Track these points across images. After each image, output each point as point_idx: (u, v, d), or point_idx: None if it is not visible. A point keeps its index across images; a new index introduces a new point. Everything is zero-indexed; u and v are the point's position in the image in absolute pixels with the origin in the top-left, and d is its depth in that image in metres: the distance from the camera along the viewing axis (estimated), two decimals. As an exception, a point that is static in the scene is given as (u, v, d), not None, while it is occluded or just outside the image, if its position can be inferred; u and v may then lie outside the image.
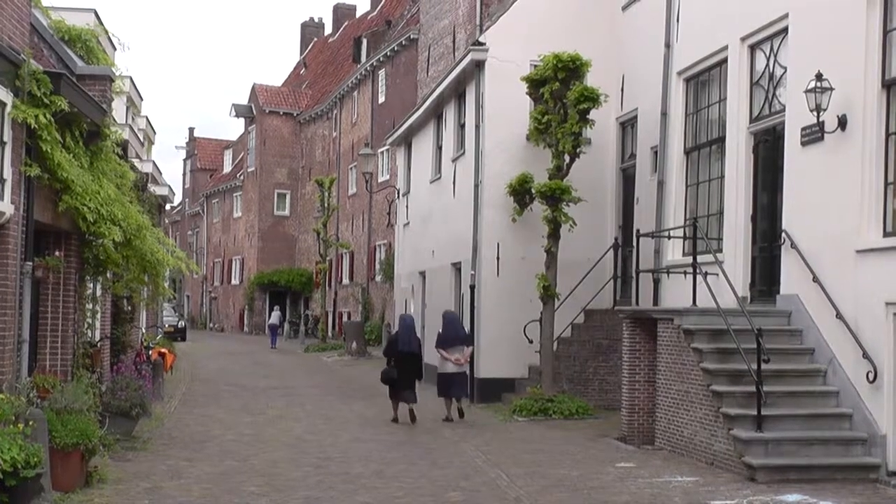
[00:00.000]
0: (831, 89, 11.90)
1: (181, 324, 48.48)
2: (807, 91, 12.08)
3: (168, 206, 43.38)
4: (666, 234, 16.29)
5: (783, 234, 13.05)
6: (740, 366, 11.87)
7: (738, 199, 14.46)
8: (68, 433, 9.58)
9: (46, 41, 13.81)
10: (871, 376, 11.17)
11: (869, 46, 11.53)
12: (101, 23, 17.92)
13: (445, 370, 16.70)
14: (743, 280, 14.20)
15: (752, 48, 14.44)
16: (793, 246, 12.76)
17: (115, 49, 18.45)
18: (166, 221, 58.77)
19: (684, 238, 15.98)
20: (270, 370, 28.46)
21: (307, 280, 52.87)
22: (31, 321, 11.46)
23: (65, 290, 12.77)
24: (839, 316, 11.71)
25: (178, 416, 16.80)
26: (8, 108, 9.91)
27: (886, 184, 11.37)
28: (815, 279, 12.20)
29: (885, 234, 11.31)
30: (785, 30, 13.45)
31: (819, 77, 11.94)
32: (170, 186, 33.22)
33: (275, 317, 45.54)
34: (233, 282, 62.41)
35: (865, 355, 11.26)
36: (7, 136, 9.95)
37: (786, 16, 13.35)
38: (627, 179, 19.17)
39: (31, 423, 8.71)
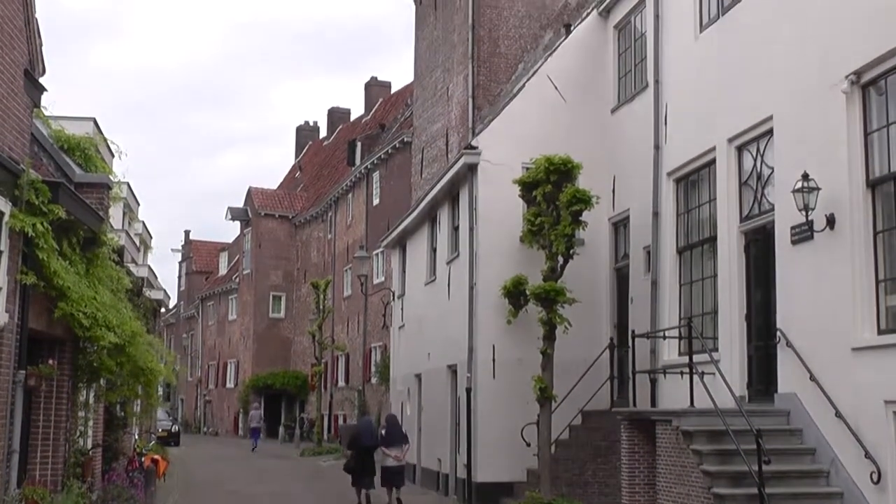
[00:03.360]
0: (818, 189, 12.08)
1: (175, 428, 47.83)
2: (794, 191, 12.26)
3: (163, 310, 43.34)
4: (661, 334, 16.29)
5: (778, 333, 13.06)
6: (741, 467, 11.73)
7: (732, 298, 14.51)
8: (58, 546, 9.41)
9: (46, 150, 14.03)
10: (874, 477, 11.05)
11: (852, 147, 11.75)
12: (100, 131, 18.27)
13: (386, 464, 19.88)
14: (740, 379, 14.14)
15: (740, 149, 14.68)
16: (788, 344, 12.76)
17: (112, 156, 18.72)
18: (161, 325, 58.56)
19: (680, 338, 15.98)
20: (265, 475, 28.04)
21: (303, 382, 52.47)
22: (22, 430, 11.34)
23: (57, 397, 12.68)
24: (839, 415, 11.64)
25: (171, 525, 16.49)
26: (6, 218, 10.01)
27: (877, 281, 11.44)
28: (813, 377, 12.17)
29: (880, 332, 11.31)
30: (770, 131, 13.70)
31: (805, 177, 12.13)
32: (165, 290, 33.28)
33: (255, 416, 44.07)
34: (227, 385, 61.91)
35: (868, 455, 11.15)
36: (4, 245, 10.03)
37: (770, 118, 13.62)
38: (621, 279, 19.25)
39: (20, 536, 8.57)
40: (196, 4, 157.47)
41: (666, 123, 16.94)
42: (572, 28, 21.64)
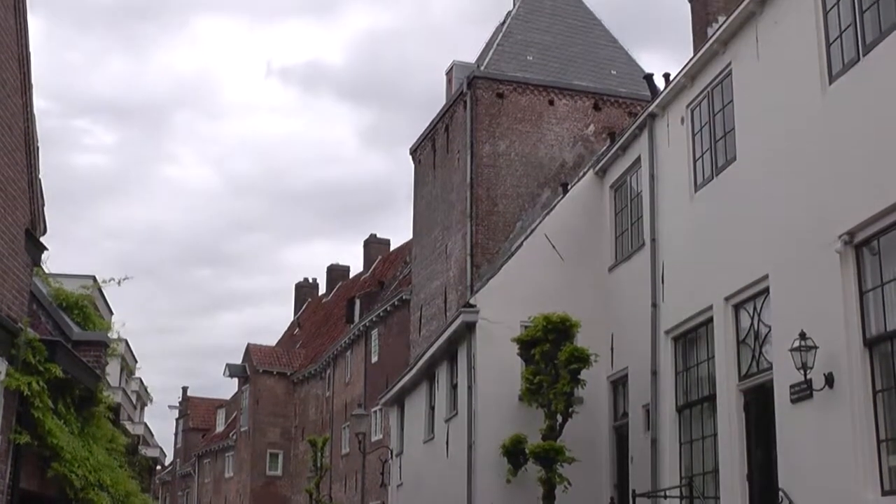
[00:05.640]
0: (815, 347, 12.06)
1: None
2: (792, 350, 12.25)
3: (159, 467, 42.63)
4: (662, 493, 16.01)
5: (781, 493, 12.83)
6: None
7: (733, 457, 14.31)
8: None
9: (45, 308, 14.07)
10: None
11: (847, 306, 11.81)
12: (99, 288, 18.40)
13: None
14: (744, 541, 13.83)
15: (736, 308, 14.76)
16: (791, 505, 12.52)
17: (111, 313, 18.81)
18: (157, 482, 57.37)
19: (681, 497, 15.70)
20: None
21: (299, 543, 51.10)
22: None
23: (46, 561, 12.34)
24: (846, 580, 11.33)
25: None
26: (1, 377, 9.98)
27: (878, 441, 11.30)
28: (818, 540, 11.90)
29: (884, 493, 11.11)
30: (766, 290, 13.81)
31: (803, 336, 12.14)
32: (161, 448, 32.91)
33: None
34: (221, 546, 60.27)
35: None
36: (-1, 405, 9.97)
37: (766, 277, 13.76)
38: (621, 438, 19.02)
39: None
40: (195, 168, 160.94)
41: (663, 282, 17.09)
42: (569, 187, 22.14)
